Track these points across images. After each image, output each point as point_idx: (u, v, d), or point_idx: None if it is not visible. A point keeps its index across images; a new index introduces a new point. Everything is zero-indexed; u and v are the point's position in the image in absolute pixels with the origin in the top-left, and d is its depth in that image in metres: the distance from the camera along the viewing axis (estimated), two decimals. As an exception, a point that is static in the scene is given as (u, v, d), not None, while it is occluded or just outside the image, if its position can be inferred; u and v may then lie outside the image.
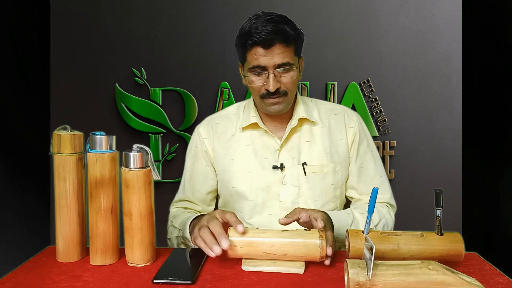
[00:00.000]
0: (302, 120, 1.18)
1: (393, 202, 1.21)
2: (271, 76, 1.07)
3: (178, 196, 1.26)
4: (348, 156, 1.19)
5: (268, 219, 1.16)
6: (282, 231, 0.87)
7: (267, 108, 1.13)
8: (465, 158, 2.20)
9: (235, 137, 1.20)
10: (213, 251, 0.84)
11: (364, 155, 1.20)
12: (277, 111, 1.12)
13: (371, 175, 1.20)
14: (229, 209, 1.20)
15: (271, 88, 1.07)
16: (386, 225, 1.14)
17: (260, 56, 1.07)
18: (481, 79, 2.24)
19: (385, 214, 1.16)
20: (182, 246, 1.11)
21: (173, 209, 1.25)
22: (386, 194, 1.20)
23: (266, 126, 1.17)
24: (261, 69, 1.08)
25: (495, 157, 2.15)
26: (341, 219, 1.06)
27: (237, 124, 1.21)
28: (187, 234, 1.03)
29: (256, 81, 1.10)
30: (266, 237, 0.86)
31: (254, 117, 1.17)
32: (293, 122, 1.16)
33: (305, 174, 1.14)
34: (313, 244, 0.85)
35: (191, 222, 1.03)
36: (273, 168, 1.15)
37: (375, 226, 1.11)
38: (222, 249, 0.84)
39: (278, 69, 1.07)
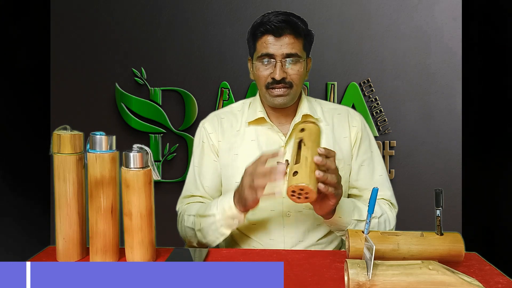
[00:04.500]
0: (306, 117, 1.19)
1: (394, 201, 1.21)
2: (278, 64, 1.10)
3: (188, 191, 1.23)
4: (350, 154, 1.20)
5: (270, 215, 1.16)
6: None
7: (271, 100, 1.14)
8: (465, 158, 2.20)
9: (240, 132, 1.20)
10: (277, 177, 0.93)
11: (365, 153, 1.21)
12: (281, 103, 1.13)
13: (371, 172, 1.20)
14: None
15: (278, 76, 1.09)
16: (387, 220, 1.14)
17: (269, 44, 1.10)
18: (481, 79, 2.24)
19: (387, 210, 1.16)
20: (223, 230, 1.08)
21: (185, 205, 1.21)
22: (386, 192, 1.20)
23: (272, 122, 1.18)
24: (269, 58, 1.11)
25: (495, 157, 2.15)
26: (345, 202, 1.06)
27: (242, 120, 1.22)
28: (230, 204, 1.05)
29: (263, 70, 1.12)
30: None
31: (260, 112, 1.19)
32: (297, 118, 1.18)
33: None
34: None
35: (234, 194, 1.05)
36: (277, 163, 1.15)
37: (378, 218, 1.11)
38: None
39: (286, 59, 1.10)
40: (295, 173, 0.87)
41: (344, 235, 1.08)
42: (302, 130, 0.96)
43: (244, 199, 1.00)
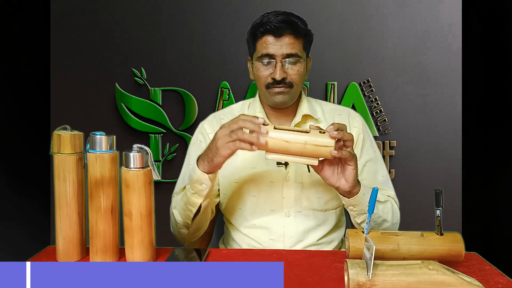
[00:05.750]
0: (306, 117, 1.19)
1: (397, 201, 1.21)
2: (279, 65, 1.09)
3: (178, 187, 1.23)
4: None
5: (270, 215, 1.16)
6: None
7: (272, 99, 1.13)
8: (465, 158, 2.20)
9: None
10: (260, 141, 0.90)
11: (366, 154, 1.21)
12: (282, 102, 1.13)
13: (374, 173, 1.20)
14: (230, 205, 1.20)
15: (278, 76, 1.09)
16: (395, 211, 1.14)
17: (270, 44, 1.09)
18: (481, 79, 2.24)
19: (394, 203, 1.16)
20: (194, 199, 1.05)
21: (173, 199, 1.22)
22: (389, 191, 1.20)
23: (271, 123, 1.18)
24: (269, 58, 1.10)
25: (495, 157, 2.15)
26: (363, 184, 1.05)
27: None
28: (194, 168, 1.01)
29: (264, 71, 1.12)
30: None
31: (260, 113, 1.19)
32: (297, 118, 1.18)
33: (309, 171, 1.14)
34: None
35: (197, 161, 1.03)
36: (277, 164, 1.15)
37: (392, 205, 1.12)
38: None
39: (286, 59, 1.10)
40: (323, 132, 0.92)
41: (363, 221, 1.05)
42: None
43: (215, 152, 0.96)
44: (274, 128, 0.92)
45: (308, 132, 0.91)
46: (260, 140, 0.90)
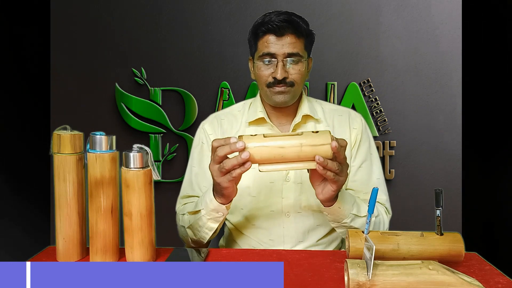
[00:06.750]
0: (306, 117, 1.19)
1: (389, 206, 1.20)
2: (280, 64, 1.10)
3: (185, 191, 1.24)
4: (350, 155, 1.19)
5: (270, 216, 1.16)
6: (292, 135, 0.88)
7: (272, 98, 1.13)
8: (465, 158, 2.20)
9: (240, 133, 1.20)
10: (242, 157, 0.86)
11: (363, 155, 1.20)
12: (283, 101, 1.13)
13: (368, 174, 1.20)
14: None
15: (279, 75, 1.09)
16: (382, 222, 1.14)
17: (271, 43, 1.10)
18: (481, 78, 2.25)
19: (382, 212, 1.15)
20: (210, 224, 1.06)
21: (181, 206, 1.22)
22: (382, 196, 1.19)
23: (272, 122, 1.18)
24: (270, 57, 1.11)
25: (495, 157, 2.15)
26: (346, 194, 1.06)
27: (242, 120, 1.22)
28: (211, 197, 1.02)
29: (265, 70, 1.12)
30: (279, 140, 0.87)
31: (261, 112, 1.18)
32: (297, 118, 1.18)
33: (308, 171, 1.14)
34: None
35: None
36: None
37: (374, 217, 1.11)
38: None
39: (288, 59, 1.10)
40: (316, 132, 0.89)
41: (337, 227, 1.07)
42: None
43: (220, 187, 0.96)
44: (264, 136, 0.88)
45: (301, 135, 0.88)
46: (242, 156, 0.86)
